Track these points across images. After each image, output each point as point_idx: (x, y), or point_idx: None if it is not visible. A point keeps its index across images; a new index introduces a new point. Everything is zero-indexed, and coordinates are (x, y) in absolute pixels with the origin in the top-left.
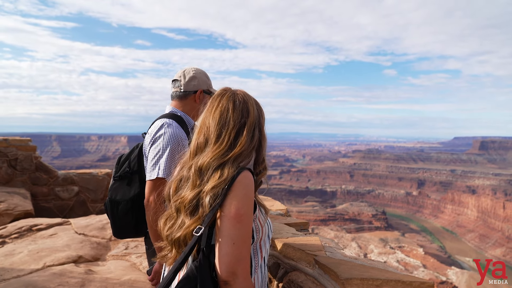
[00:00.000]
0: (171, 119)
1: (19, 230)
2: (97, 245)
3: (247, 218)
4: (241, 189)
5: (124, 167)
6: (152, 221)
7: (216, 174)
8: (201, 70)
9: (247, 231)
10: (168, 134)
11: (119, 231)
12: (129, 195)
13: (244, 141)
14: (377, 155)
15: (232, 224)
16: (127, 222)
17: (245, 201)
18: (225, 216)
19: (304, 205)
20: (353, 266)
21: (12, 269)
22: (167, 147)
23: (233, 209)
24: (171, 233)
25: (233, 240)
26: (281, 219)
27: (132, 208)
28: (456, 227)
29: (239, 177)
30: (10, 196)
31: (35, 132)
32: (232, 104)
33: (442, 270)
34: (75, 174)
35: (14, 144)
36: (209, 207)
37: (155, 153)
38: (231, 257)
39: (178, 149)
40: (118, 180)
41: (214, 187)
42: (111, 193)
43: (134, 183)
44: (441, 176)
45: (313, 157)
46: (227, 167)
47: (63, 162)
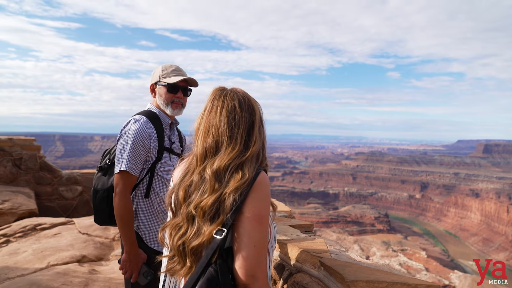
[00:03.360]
0: (143, 116)
1: (24, 229)
2: (100, 245)
3: (266, 220)
4: (262, 190)
5: (105, 159)
6: (118, 210)
7: (237, 174)
8: (161, 65)
9: (266, 233)
10: (132, 129)
11: (97, 217)
12: (107, 185)
13: (257, 139)
14: (380, 157)
15: (254, 226)
16: (102, 209)
17: (265, 202)
18: (246, 218)
19: (307, 207)
20: (358, 268)
21: (17, 267)
22: (130, 141)
23: (255, 210)
24: (185, 241)
25: (254, 243)
26: (286, 220)
27: (107, 197)
28: (459, 230)
29: (259, 178)
30: (15, 195)
31: (39, 132)
32: (238, 103)
33: (445, 274)
34: (78, 174)
35: (19, 143)
36: (231, 209)
37: (120, 148)
38: (252, 260)
39: (141, 143)
40: (100, 171)
41: (238, 188)
42: (95, 182)
43: (112, 174)
44: (444, 179)
45: (315, 159)
46: (247, 166)
47: (67, 162)
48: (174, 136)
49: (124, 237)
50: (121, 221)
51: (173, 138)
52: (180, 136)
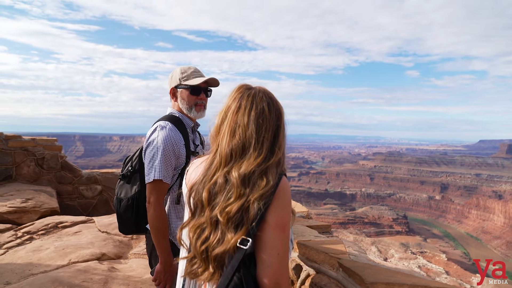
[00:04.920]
0: (167, 121)
1: (46, 227)
2: (119, 243)
3: (288, 227)
4: (284, 197)
5: (127, 167)
6: (153, 221)
7: (262, 181)
8: (178, 68)
9: (288, 239)
10: (161, 137)
11: (122, 226)
12: (131, 193)
13: (282, 145)
14: (398, 157)
15: (277, 234)
16: (128, 218)
17: (287, 209)
18: (269, 226)
19: (323, 208)
20: (378, 270)
21: (40, 264)
22: (160, 149)
23: (278, 218)
24: (207, 247)
25: (278, 251)
26: (303, 221)
27: (132, 205)
28: (481, 233)
29: (281, 184)
30: (37, 194)
31: (59, 132)
32: (267, 106)
33: (466, 278)
34: (98, 173)
35: (41, 143)
36: (255, 218)
37: (150, 157)
38: (276, 268)
39: (172, 150)
40: (122, 178)
41: (262, 195)
42: (117, 191)
43: (135, 182)
44: (465, 180)
45: (332, 159)
46: (271, 172)
47: (86, 162)
48: (197, 139)
49: (159, 247)
50: (157, 231)
51: (197, 141)
52: (201, 138)
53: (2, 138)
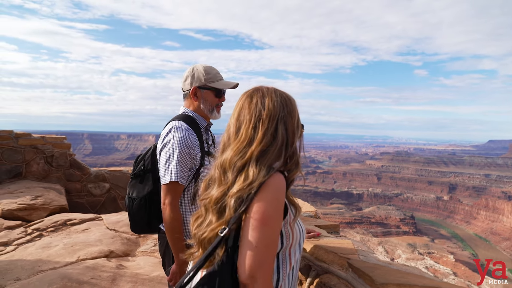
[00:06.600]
0: (182, 121)
1: (55, 224)
2: (127, 240)
3: (273, 222)
4: (270, 192)
5: (139, 166)
6: (169, 222)
7: (241, 176)
8: (199, 67)
9: (272, 235)
10: (176, 138)
11: (134, 225)
12: (143, 193)
13: (262, 136)
14: (406, 157)
15: (256, 227)
16: (140, 217)
17: (272, 204)
18: (250, 219)
19: (330, 207)
20: (388, 271)
21: (49, 261)
22: (176, 151)
23: (259, 211)
24: (198, 231)
25: (256, 244)
26: (311, 221)
27: (145, 205)
28: (490, 234)
29: (269, 181)
30: (47, 191)
31: (68, 130)
32: (249, 99)
33: (474, 279)
34: (106, 171)
35: (50, 141)
36: (234, 210)
37: (166, 158)
38: (252, 260)
39: (187, 151)
40: (134, 178)
41: (239, 190)
42: (129, 190)
43: (147, 181)
44: (474, 181)
45: (339, 159)
46: (251, 167)
47: (94, 160)
48: (210, 138)
49: (175, 248)
50: (173, 232)
51: (209, 141)
52: (212, 136)
53: (12, 136)
